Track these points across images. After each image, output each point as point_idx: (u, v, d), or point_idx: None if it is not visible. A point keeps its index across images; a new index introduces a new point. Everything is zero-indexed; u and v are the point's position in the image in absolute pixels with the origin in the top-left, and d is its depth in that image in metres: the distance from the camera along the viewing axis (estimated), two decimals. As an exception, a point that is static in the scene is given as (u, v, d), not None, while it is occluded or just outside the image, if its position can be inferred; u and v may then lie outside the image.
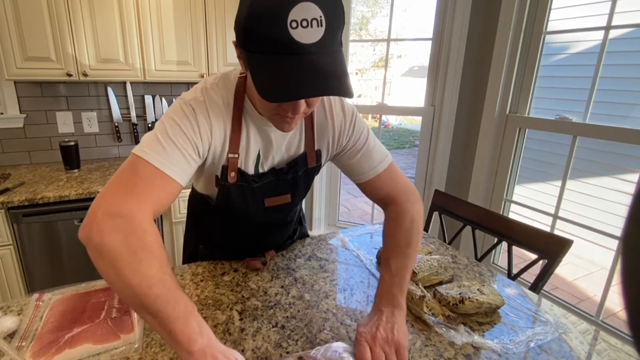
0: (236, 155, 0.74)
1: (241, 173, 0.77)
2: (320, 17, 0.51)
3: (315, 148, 0.82)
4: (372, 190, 0.87)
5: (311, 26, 0.51)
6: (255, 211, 0.84)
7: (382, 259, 0.80)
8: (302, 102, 0.61)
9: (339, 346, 0.65)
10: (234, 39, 0.61)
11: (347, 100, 0.83)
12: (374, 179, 0.85)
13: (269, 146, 0.78)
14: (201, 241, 1.01)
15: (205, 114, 0.68)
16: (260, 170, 0.80)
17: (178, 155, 0.64)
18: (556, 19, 1.88)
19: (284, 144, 0.79)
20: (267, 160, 0.79)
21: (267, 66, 0.55)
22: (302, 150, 0.81)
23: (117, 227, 0.55)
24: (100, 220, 0.56)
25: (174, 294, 0.56)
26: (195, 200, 0.95)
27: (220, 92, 0.71)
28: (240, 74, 0.74)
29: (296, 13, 0.50)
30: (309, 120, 0.80)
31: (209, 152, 0.72)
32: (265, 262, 1.00)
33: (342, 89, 0.55)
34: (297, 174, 0.82)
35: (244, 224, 0.89)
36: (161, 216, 1.81)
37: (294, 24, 0.50)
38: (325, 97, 0.80)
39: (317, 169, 0.85)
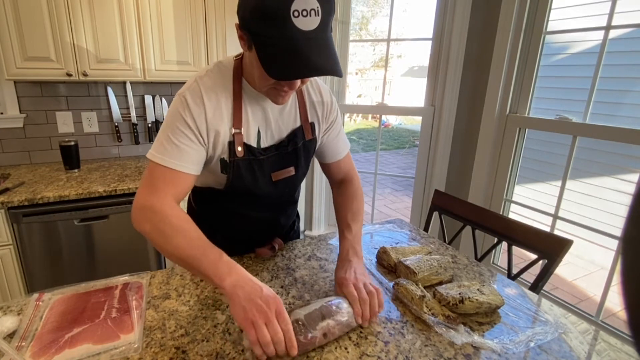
0: (240, 130, 0.81)
1: (247, 147, 0.83)
2: (317, 7, 0.61)
3: (310, 121, 0.91)
4: (338, 169, 1.02)
5: (310, 15, 0.60)
6: (265, 186, 0.89)
7: (342, 223, 0.94)
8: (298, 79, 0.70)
9: (333, 298, 0.75)
10: (236, 21, 0.70)
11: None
12: (344, 159, 1.01)
13: (267, 122, 0.86)
14: (208, 234, 1.01)
15: (199, 100, 0.77)
16: (262, 145, 0.87)
17: (181, 152, 0.76)
18: (556, 19, 1.88)
19: (280, 120, 0.87)
20: (267, 136, 0.87)
21: (273, 48, 0.64)
22: (298, 123, 0.90)
23: (147, 218, 0.73)
24: (135, 214, 0.75)
25: (202, 250, 0.70)
26: (199, 196, 1.00)
27: (214, 77, 0.80)
28: (235, 57, 0.83)
29: (298, 4, 0.59)
30: (301, 96, 0.90)
31: (208, 134, 0.79)
32: (275, 249, 1.03)
33: (335, 69, 0.65)
34: (297, 146, 0.89)
35: (255, 204, 0.94)
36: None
37: (296, 14, 0.59)
38: (313, 79, 0.93)
39: (313, 142, 0.93)
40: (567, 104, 2.93)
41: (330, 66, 0.64)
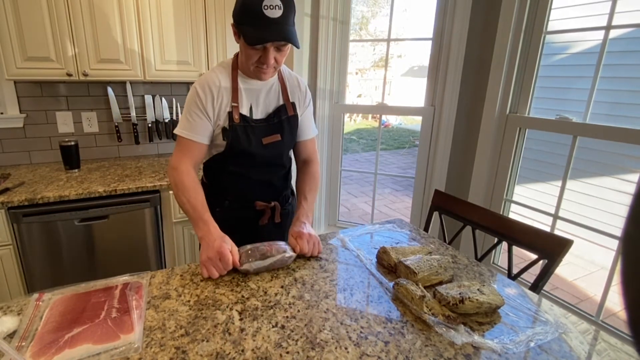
0: (236, 104, 1.09)
1: (242, 117, 1.09)
2: (280, 4, 0.92)
3: (290, 100, 1.18)
4: (303, 149, 1.26)
5: (275, 8, 0.92)
6: (257, 148, 1.12)
7: (300, 195, 1.20)
8: (272, 56, 0.99)
9: (280, 242, 1.02)
10: (232, 22, 1.01)
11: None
12: (308, 140, 1.26)
13: (257, 100, 1.13)
14: (218, 202, 1.21)
15: (206, 88, 1.07)
16: (254, 117, 1.13)
17: (194, 126, 1.07)
18: (556, 19, 1.88)
19: (267, 99, 1.15)
20: (257, 111, 1.14)
21: (252, 29, 0.95)
22: (281, 102, 1.16)
23: (172, 174, 1.08)
24: (168, 170, 1.25)
25: (194, 207, 1.03)
26: (210, 164, 1.22)
27: (217, 70, 1.11)
28: (233, 57, 1.13)
29: (267, 1, 0.91)
30: (282, 82, 1.17)
31: (213, 111, 1.08)
32: (273, 208, 1.21)
33: (293, 40, 0.96)
34: (281, 119, 1.15)
35: (250, 165, 1.15)
36: (161, 217, 1.82)
37: (265, 7, 0.91)
38: (293, 74, 1.22)
39: (295, 118, 1.18)
40: (567, 104, 2.93)
41: (287, 38, 0.95)
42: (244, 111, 1.11)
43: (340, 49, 2.34)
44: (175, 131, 1.09)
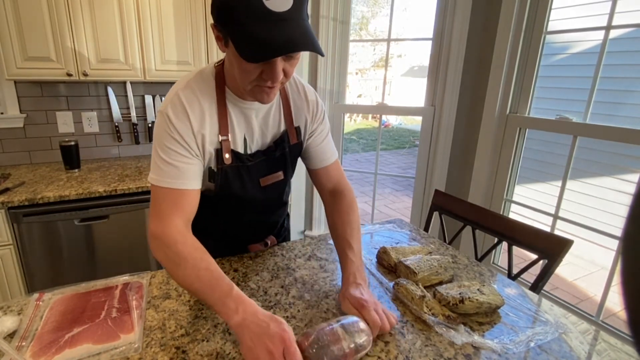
0: (227, 137, 0.80)
1: (234, 154, 0.83)
2: None
3: (295, 125, 0.90)
4: (327, 176, 0.97)
5: None
6: (254, 192, 0.88)
7: (342, 241, 0.89)
8: (280, 69, 0.67)
9: (352, 317, 0.70)
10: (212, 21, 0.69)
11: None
12: (331, 165, 0.97)
13: (252, 129, 0.85)
14: (200, 239, 0.99)
15: (182, 115, 0.75)
16: (249, 152, 0.86)
17: (178, 169, 0.75)
18: (556, 19, 1.88)
19: (264, 126, 0.87)
20: (253, 143, 0.86)
21: (247, 33, 0.61)
22: (283, 128, 0.89)
23: (158, 247, 0.74)
24: (150, 243, 0.75)
25: (209, 284, 0.68)
26: None
27: (196, 86, 0.78)
28: (216, 64, 0.81)
29: None
30: (285, 100, 0.88)
31: (198, 146, 0.78)
32: (267, 245, 1.05)
33: (314, 46, 0.63)
34: (285, 151, 0.89)
35: (244, 209, 0.93)
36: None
37: None
38: (298, 81, 0.91)
39: (299, 146, 0.92)
40: (567, 104, 2.93)
41: (307, 44, 0.62)
42: (238, 146, 0.83)
43: (340, 49, 2.34)
44: (150, 180, 0.76)
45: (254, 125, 0.85)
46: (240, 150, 0.85)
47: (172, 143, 0.75)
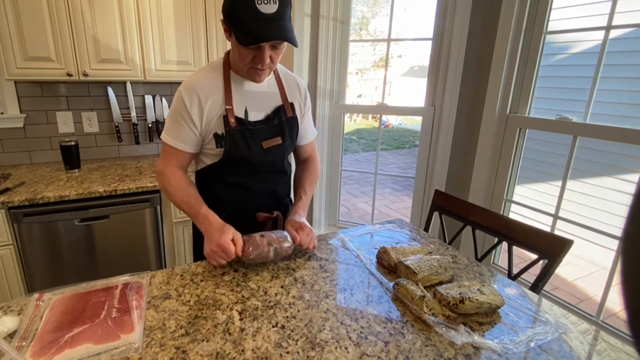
0: (231, 107, 1.02)
1: (238, 119, 1.03)
2: None
3: (289, 101, 1.13)
4: (304, 151, 1.26)
5: (269, 3, 0.85)
6: (258, 153, 1.07)
7: (300, 186, 1.20)
8: (267, 55, 0.92)
9: (281, 231, 1.02)
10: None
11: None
12: (310, 143, 1.25)
13: (251, 102, 1.07)
14: (216, 212, 1.10)
15: (193, 93, 1.00)
16: (251, 120, 1.07)
17: (178, 134, 1.03)
18: (556, 19, 1.88)
19: (263, 99, 1.09)
20: (253, 113, 1.07)
21: (245, 27, 0.88)
22: (279, 102, 1.11)
23: (159, 179, 1.08)
24: (156, 176, 1.28)
25: (188, 205, 1.03)
26: (204, 175, 1.15)
27: (206, 72, 1.05)
28: (225, 53, 1.08)
29: None
30: (279, 82, 1.12)
31: (201, 119, 1.01)
32: (274, 217, 1.14)
33: (289, 38, 0.89)
34: (281, 120, 1.10)
35: (251, 174, 1.11)
36: (161, 217, 1.82)
37: (259, 1, 0.85)
38: (291, 73, 1.17)
39: (294, 120, 1.13)
40: (568, 104, 2.93)
41: (284, 36, 0.88)
42: (240, 114, 1.04)
43: (340, 49, 2.34)
44: (162, 137, 1.06)
45: (255, 99, 1.08)
46: (242, 117, 1.05)
47: (179, 116, 1.01)
